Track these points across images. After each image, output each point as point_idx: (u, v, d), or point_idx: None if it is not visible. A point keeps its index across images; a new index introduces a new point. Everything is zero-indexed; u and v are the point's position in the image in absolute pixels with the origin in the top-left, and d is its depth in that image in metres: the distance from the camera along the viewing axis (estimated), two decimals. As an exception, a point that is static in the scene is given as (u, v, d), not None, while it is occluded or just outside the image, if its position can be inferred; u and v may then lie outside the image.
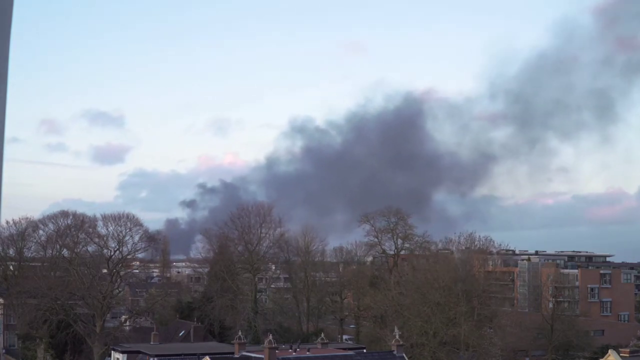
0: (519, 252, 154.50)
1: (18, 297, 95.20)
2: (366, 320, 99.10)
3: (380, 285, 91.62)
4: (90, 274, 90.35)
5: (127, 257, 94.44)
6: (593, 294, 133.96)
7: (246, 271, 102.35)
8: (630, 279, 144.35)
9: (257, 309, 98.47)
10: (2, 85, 5.33)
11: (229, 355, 58.78)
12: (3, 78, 5.33)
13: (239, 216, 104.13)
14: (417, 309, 75.78)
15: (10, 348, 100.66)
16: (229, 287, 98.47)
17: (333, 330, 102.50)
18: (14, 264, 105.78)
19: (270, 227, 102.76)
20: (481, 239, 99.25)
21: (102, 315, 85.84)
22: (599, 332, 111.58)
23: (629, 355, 62.60)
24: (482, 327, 76.91)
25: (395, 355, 54.20)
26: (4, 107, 5.31)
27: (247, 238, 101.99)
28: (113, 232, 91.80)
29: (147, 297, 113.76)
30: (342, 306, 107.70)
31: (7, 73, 5.45)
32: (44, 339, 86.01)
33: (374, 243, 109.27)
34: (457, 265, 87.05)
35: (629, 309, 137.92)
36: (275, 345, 53.95)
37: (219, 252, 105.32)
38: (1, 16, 5.43)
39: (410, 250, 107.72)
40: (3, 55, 5.33)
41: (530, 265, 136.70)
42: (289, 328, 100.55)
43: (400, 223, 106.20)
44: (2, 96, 5.28)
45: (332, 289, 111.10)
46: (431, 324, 73.27)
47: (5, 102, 5.33)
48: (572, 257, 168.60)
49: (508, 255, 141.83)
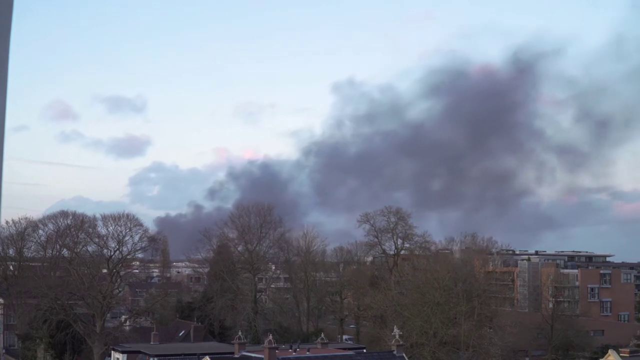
0: (519, 252, 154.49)
1: (18, 297, 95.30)
2: (366, 320, 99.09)
3: (380, 285, 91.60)
4: (90, 274, 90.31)
5: (127, 257, 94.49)
6: (593, 294, 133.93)
7: (246, 271, 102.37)
8: (630, 279, 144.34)
9: (257, 309, 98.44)
10: (2, 85, 5.32)
11: (229, 355, 58.78)
12: (3, 78, 5.31)
13: (239, 216, 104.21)
14: (417, 309, 75.80)
15: (10, 348, 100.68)
16: (229, 287, 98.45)
17: (333, 330, 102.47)
18: (14, 264, 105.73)
19: (270, 227, 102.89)
20: (482, 239, 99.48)
21: (102, 315, 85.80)
22: (599, 332, 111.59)
23: (629, 355, 62.69)
24: (482, 327, 76.95)
25: (395, 355, 54.20)
26: (4, 108, 5.30)
27: (247, 238, 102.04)
28: (113, 232, 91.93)
29: (147, 297, 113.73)
30: (342, 306, 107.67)
31: (7, 73, 5.43)
32: (44, 339, 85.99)
33: (374, 243, 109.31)
34: (457, 265, 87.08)
35: (629, 309, 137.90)
36: (275, 345, 53.98)
37: (219, 252, 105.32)
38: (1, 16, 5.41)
39: (410, 250, 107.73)
40: (3, 55, 5.31)
41: (530, 265, 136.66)
42: (289, 328, 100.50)
43: (400, 223, 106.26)
44: (2, 96, 5.26)
45: (332, 289, 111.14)
46: (431, 323, 73.28)
47: (5, 102, 5.32)
48: (572, 257, 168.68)
49: (508, 255, 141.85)
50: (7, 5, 5.49)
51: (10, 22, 5.54)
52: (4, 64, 5.42)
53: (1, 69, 5.40)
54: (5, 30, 5.48)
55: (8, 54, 5.49)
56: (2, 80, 5.42)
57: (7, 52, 5.46)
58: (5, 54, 5.44)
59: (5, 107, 5.50)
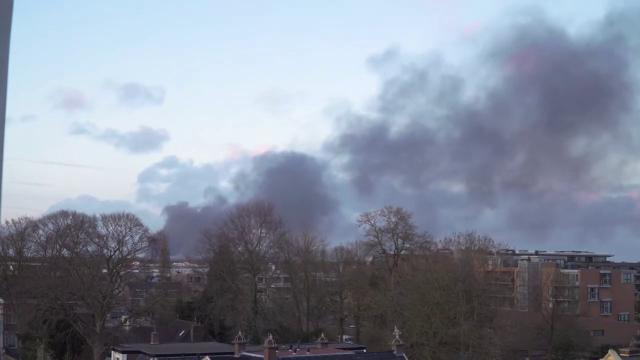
0: (519, 252, 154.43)
1: (18, 297, 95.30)
2: (366, 320, 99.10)
3: (380, 285, 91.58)
4: (90, 274, 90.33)
5: (127, 257, 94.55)
6: (593, 294, 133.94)
7: (246, 271, 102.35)
8: (630, 279, 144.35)
9: (257, 309, 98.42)
10: (2, 85, 5.31)
11: (229, 355, 58.78)
12: (3, 77, 5.31)
13: (239, 216, 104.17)
14: (417, 309, 75.80)
15: (10, 348, 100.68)
16: (229, 287, 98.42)
17: (333, 330, 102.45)
18: (14, 264, 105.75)
19: (270, 227, 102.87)
20: (480, 238, 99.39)
21: (102, 315, 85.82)
22: (599, 332, 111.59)
23: (629, 355, 62.67)
24: (482, 327, 76.92)
25: (395, 355, 54.20)
26: (4, 108, 5.30)
27: (247, 238, 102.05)
28: (113, 232, 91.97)
29: (147, 297, 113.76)
30: (342, 306, 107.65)
31: (7, 73, 5.42)
32: (44, 339, 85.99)
33: (374, 243, 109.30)
34: (457, 265, 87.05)
35: (629, 309, 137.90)
36: (275, 345, 53.98)
37: (219, 252, 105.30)
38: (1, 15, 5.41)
39: (410, 250, 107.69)
40: (3, 55, 5.31)
41: (530, 265, 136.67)
42: (289, 328, 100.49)
43: (400, 223, 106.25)
44: (2, 96, 5.26)
45: (332, 289, 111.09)
46: (431, 323, 73.28)
47: (5, 102, 5.32)
48: (572, 257, 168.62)
49: (508, 255, 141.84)
50: (7, 4, 5.49)
51: (10, 22, 5.54)
52: (4, 64, 5.42)
53: (1, 69, 5.40)
54: (5, 30, 5.48)
55: (8, 53, 5.49)
56: (2, 80, 5.42)
57: (7, 51, 5.47)
58: (6, 53, 5.45)
59: (5, 107, 5.50)
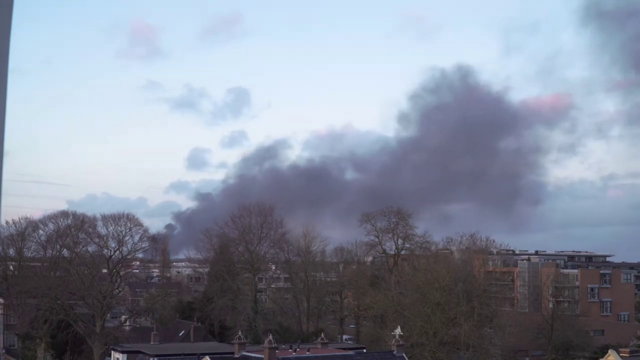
0: (519, 252, 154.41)
1: (18, 297, 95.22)
2: (366, 320, 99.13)
3: (380, 285, 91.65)
4: (90, 274, 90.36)
5: (127, 257, 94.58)
6: (593, 294, 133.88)
7: (246, 271, 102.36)
8: (630, 279, 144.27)
9: (257, 309, 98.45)
10: (2, 85, 5.30)
11: (229, 355, 58.76)
12: (3, 77, 5.30)
13: (239, 216, 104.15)
14: (417, 309, 75.80)
15: (10, 348, 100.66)
16: (229, 287, 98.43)
17: (333, 330, 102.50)
18: (14, 264, 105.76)
19: (271, 227, 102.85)
20: (482, 239, 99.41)
21: (102, 315, 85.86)
22: (599, 332, 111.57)
23: (629, 355, 62.57)
24: (482, 327, 76.94)
25: (395, 355, 54.18)
26: (4, 108, 5.29)
27: (248, 238, 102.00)
28: (113, 232, 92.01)
29: (147, 297, 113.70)
30: (342, 306, 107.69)
31: (7, 72, 5.42)
32: (44, 339, 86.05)
33: (374, 243, 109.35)
34: (457, 265, 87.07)
35: (629, 309, 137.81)
36: (275, 345, 53.95)
37: (220, 252, 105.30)
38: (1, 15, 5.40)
39: (410, 250, 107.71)
40: (3, 54, 5.30)
41: (530, 265, 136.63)
42: (289, 328, 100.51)
43: (400, 223, 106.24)
44: (2, 95, 5.25)
45: (332, 289, 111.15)
46: (431, 324, 73.27)
47: (5, 102, 5.31)
48: (572, 257, 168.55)
49: (508, 255, 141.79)
50: (7, 4, 5.48)
51: (10, 21, 5.53)
52: (4, 64, 5.41)
53: (1, 69, 5.39)
54: (5, 29, 5.47)
55: (8, 54, 5.49)
56: (2, 80, 5.42)
57: (7, 51, 5.46)
58: (5, 53, 5.44)
59: (5, 107, 5.49)
